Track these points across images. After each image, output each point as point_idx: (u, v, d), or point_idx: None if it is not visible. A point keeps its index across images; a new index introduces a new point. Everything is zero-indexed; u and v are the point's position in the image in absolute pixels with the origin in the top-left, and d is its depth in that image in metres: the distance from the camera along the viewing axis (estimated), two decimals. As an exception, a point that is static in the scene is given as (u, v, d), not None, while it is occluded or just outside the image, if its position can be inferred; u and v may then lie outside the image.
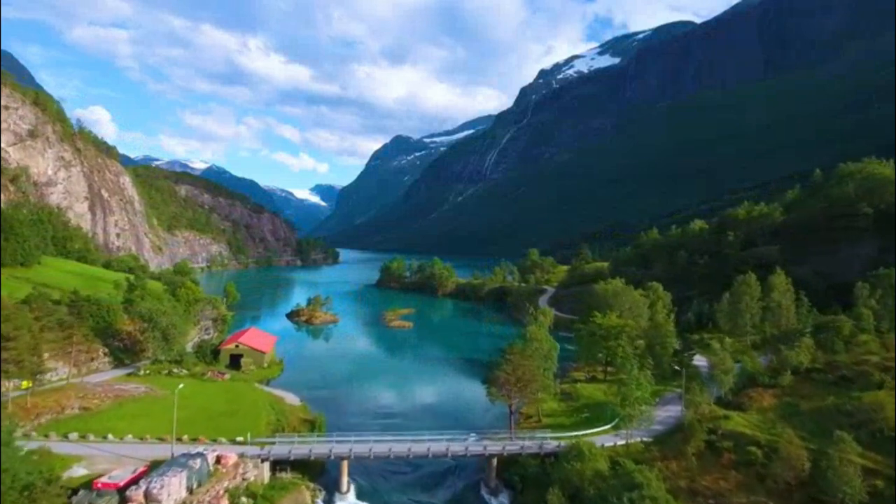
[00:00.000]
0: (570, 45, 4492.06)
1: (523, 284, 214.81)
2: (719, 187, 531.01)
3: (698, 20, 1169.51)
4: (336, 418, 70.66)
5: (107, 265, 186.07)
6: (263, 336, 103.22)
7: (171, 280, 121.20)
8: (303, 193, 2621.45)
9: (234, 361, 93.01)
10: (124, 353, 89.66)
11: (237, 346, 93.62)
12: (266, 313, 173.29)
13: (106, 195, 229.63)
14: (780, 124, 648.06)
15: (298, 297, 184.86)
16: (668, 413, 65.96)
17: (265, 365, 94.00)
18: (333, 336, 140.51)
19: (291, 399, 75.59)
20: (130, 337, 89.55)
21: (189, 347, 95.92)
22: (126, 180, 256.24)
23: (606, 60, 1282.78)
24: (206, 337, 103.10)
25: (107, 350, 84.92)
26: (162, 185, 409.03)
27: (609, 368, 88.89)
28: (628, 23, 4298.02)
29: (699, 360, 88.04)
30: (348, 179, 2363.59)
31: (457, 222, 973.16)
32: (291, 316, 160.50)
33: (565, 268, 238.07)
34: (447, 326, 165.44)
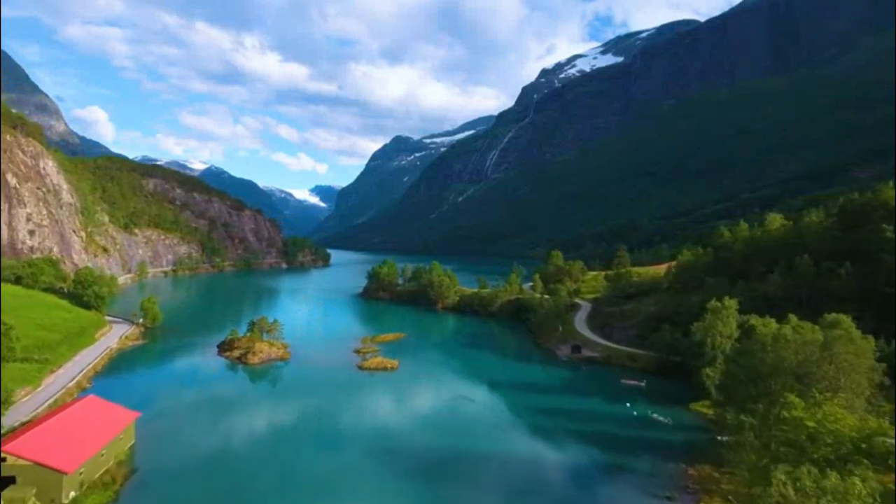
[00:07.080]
0: (570, 44, 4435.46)
1: (547, 297, 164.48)
2: (732, 186, 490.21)
3: (700, 19, 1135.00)
4: None
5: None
6: (92, 422, 52.54)
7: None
8: (302, 194, 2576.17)
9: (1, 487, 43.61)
10: None
11: (2, 460, 44.02)
12: (197, 342, 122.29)
13: (14, 182, 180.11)
14: (790, 122, 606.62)
15: (262, 312, 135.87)
16: None
17: (66, 498, 44.25)
18: (272, 390, 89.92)
19: None
20: None
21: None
22: (49, 164, 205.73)
23: (609, 59, 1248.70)
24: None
25: None
26: (124, 177, 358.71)
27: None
28: (629, 21, 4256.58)
29: None
30: (348, 180, 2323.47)
31: (457, 222, 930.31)
32: (223, 348, 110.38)
33: (600, 274, 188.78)
34: (451, 365, 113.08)
